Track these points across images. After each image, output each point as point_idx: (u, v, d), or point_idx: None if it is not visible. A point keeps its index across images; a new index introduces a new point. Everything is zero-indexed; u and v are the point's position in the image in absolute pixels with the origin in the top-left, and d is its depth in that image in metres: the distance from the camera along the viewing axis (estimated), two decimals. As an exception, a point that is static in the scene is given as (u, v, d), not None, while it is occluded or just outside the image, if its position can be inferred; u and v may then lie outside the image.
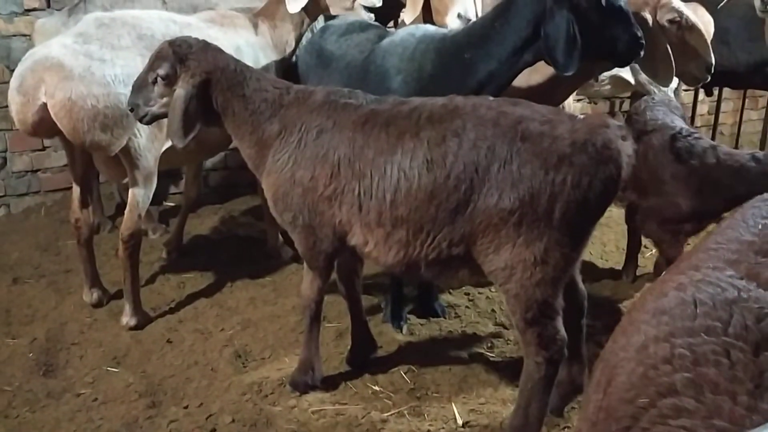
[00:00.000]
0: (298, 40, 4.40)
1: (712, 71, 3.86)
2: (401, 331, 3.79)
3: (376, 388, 3.30)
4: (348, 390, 3.29)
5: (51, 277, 4.43)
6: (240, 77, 3.06)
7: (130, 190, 3.67)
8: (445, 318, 3.94)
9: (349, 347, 3.50)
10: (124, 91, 3.38)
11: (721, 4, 4.68)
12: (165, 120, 3.53)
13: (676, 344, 1.48)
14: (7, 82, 5.03)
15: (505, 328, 3.87)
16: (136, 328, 3.80)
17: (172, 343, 3.70)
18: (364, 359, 3.47)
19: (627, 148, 2.55)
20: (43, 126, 3.42)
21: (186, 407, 3.19)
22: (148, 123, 3.17)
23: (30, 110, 3.37)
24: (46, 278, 4.41)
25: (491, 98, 2.82)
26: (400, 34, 3.65)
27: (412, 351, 3.63)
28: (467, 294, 4.19)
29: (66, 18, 4.49)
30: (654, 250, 4.79)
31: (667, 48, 3.62)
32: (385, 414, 3.12)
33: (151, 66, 3.03)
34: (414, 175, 2.68)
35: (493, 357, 3.61)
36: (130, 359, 3.58)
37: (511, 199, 2.54)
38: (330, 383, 3.32)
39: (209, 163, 5.88)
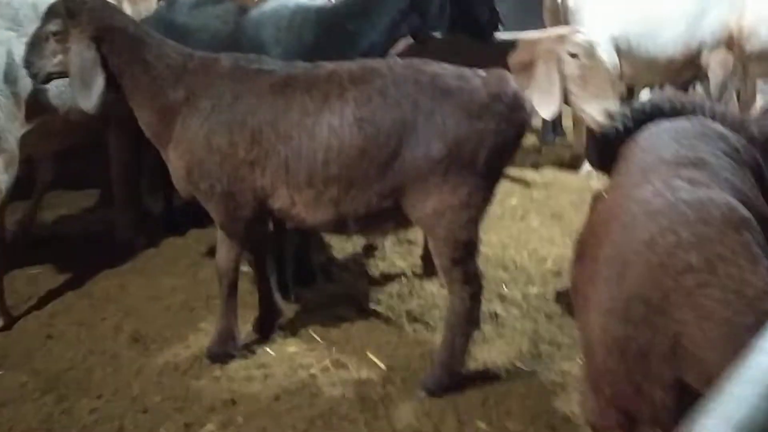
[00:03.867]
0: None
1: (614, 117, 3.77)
2: (291, 299, 3.87)
3: (293, 349, 3.37)
4: (267, 354, 3.32)
5: None
6: (140, 41, 2.95)
7: (-9, 176, 3.31)
8: (323, 282, 4.09)
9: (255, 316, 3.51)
10: None
11: None
12: (23, 98, 3.31)
13: (683, 233, 1.85)
14: None
15: (379, 284, 4.13)
16: (4, 328, 3.44)
17: (53, 338, 3.42)
18: (271, 327, 3.51)
19: (528, 97, 2.95)
20: None
21: (99, 396, 3.00)
22: (43, 82, 3.06)
23: None
24: None
25: (399, 59, 3.04)
26: (270, 5, 3.71)
27: (308, 314, 3.72)
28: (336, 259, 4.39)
29: None
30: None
31: (554, 79, 3.71)
32: (312, 370, 3.21)
33: (43, 22, 2.90)
34: (345, 134, 2.81)
35: (379, 309, 3.85)
36: (12, 360, 3.25)
37: (438, 148, 2.80)
38: (246, 351, 3.32)
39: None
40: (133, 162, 4.55)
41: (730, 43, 5.35)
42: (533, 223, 4.92)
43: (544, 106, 3.70)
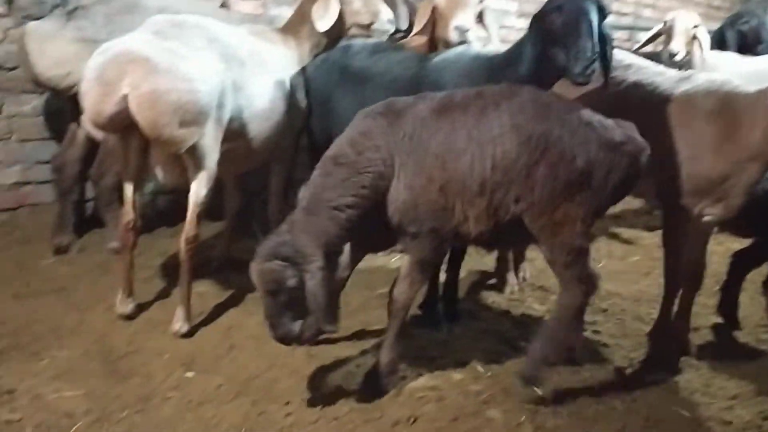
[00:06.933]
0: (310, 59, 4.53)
1: None
2: (444, 333, 3.99)
3: (460, 377, 3.48)
4: (436, 378, 3.43)
5: (49, 295, 4.08)
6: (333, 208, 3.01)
7: (193, 191, 3.61)
8: (468, 320, 4.22)
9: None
10: (204, 89, 3.41)
11: None
12: (224, 124, 3.59)
13: None
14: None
15: (524, 324, 4.23)
16: (188, 335, 3.67)
17: (235, 348, 3.61)
18: None
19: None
20: (118, 118, 3.30)
21: (287, 403, 3.17)
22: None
23: (109, 101, 3.24)
24: (45, 296, 4.05)
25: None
26: (452, 53, 3.99)
27: (465, 348, 3.80)
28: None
29: (65, 22, 4.28)
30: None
31: None
32: (482, 397, 3.32)
33: (272, 292, 2.86)
34: (504, 141, 3.01)
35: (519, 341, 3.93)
36: (201, 365, 3.45)
37: (580, 162, 3.00)
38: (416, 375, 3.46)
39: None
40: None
41: None
42: (660, 279, 4.97)
43: None
